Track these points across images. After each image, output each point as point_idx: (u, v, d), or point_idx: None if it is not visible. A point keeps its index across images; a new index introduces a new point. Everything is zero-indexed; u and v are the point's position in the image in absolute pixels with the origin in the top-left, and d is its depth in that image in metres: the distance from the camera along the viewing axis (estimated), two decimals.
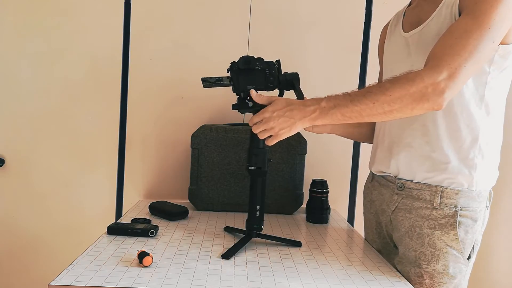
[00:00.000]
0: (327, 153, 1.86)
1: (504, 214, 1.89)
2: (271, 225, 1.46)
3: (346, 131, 1.36)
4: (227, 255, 1.10)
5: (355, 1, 1.77)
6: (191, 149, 1.62)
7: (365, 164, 1.39)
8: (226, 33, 1.81)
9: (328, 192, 1.58)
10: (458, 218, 1.06)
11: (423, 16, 1.09)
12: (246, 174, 1.35)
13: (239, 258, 1.11)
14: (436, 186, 1.08)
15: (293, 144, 1.62)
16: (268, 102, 1.11)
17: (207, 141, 1.61)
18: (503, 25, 0.95)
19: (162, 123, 1.84)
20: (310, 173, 1.73)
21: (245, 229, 1.22)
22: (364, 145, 1.68)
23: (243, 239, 1.19)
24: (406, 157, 1.13)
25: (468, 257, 1.08)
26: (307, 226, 1.49)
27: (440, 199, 1.07)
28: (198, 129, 1.62)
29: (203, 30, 1.81)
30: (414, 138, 1.11)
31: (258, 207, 1.19)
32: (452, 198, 1.06)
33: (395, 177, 1.17)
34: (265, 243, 1.24)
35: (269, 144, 1.12)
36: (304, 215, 1.61)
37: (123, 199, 1.73)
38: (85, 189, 1.85)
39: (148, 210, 1.51)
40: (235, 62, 1.17)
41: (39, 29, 1.79)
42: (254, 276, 0.99)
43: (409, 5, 1.22)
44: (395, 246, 1.20)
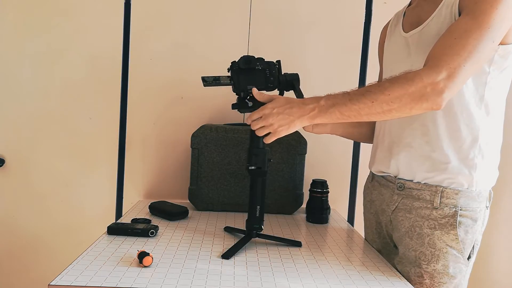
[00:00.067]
0: (327, 153, 1.86)
1: (504, 214, 1.89)
2: (271, 225, 1.46)
3: (346, 131, 1.36)
4: (227, 255, 1.10)
5: (355, 1, 1.77)
6: (191, 149, 1.62)
7: (365, 164, 1.39)
8: (226, 33, 1.81)
9: (328, 192, 1.58)
10: (458, 218, 1.06)
11: (423, 16, 1.09)
12: (246, 174, 1.35)
13: (239, 258, 1.11)
14: (436, 186, 1.08)
15: (293, 144, 1.62)
16: (269, 101, 1.11)
17: (207, 141, 1.61)
18: (503, 25, 0.94)
19: (162, 123, 1.84)
20: (310, 173, 1.73)
21: (245, 229, 1.22)
22: (364, 145, 1.68)
23: (243, 239, 1.19)
24: (406, 157, 1.13)
25: (468, 257, 1.08)
26: (307, 226, 1.49)
27: (440, 199, 1.07)
28: (198, 129, 1.62)
29: (203, 30, 1.81)
30: (414, 138, 1.11)
31: (258, 207, 1.19)
32: (452, 198, 1.06)
33: (395, 177, 1.17)
34: (265, 243, 1.24)
35: (267, 142, 1.12)
36: (304, 215, 1.61)
37: (123, 199, 1.73)
38: (85, 189, 1.85)
39: (148, 210, 1.51)
40: (236, 62, 1.17)
41: (39, 29, 1.79)
42: (254, 276, 0.99)
43: (409, 5, 1.22)
44: (395, 246, 1.20)
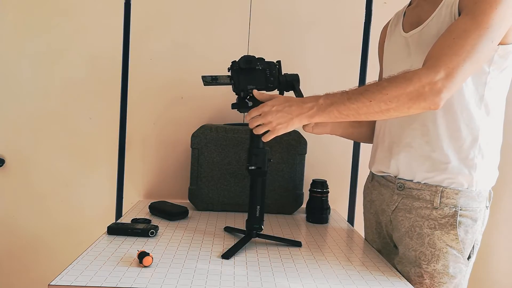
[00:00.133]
0: (327, 153, 1.86)
1: (504, 214, 1.89)
2: (271, 225, 1.46)
3: (346, 132, 1.36)
4: (227, 255, 1.10)
5: (355, 1, 1.77)
6: (191, 149, 1.62)
7: (365, 164, 1.39)
8: (226, 33, 1.81)
9: (328, 192, 1.58)
10: (458, 218, 1.06)
11: (423, 16, 1.09)
12: (246, 174, 1.35)
13: (239, 258, 1.11)
14: (436, 186, 1.08)
15: (293, 144, 1.62)
16: (268, 100, 1.11)
17: (207, 141, 1.61)
18: (503, 25, 0.94)
19: (162, 123, 1.84)
20: (310, 173, 1.73)
21: (245, 229, 1.22)
22: (364, 145, 1.68)
23: (243, 239, 1.19)
24: (406, 157, 1.13)
25: (468, 257, 1.08)
26: (307, 226, 1.49)
27: (440, 199, 1.07)
28: (198, 129, 1.62)
29: (203, 30, 1.81)
30: (414, 138, 1.11)
31: (258, 207, 1.19)
32: (452, 198, 1.06)
33: (395, 177, 1.17)
34: (265, 243, 1.24)
35: (265, 140, 1.12)
36: (304, 215, 1.61)
37: (123, 199, 1.73)
38: (85, 189, 1.85)
39: (148, 210, 1.51)
40: (236, 61, 1.17)
41: (39, 29, 1.79)
42: (254, 276, 0.99)
43: (409, 5, 1.22)
44: (395, 246, 1.20)
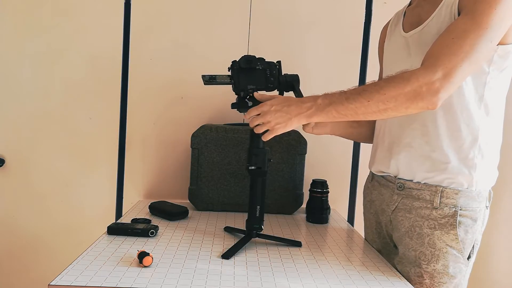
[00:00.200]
0: (327, 153, 1.86)
1: (504, 214, 1.89)
2: (271, 225, 1.46)
3: (346, 132, 1.36)
4: (227, 255, 1.10)
5: (355, 1, 1.77)
6: (191, 149, 1.62)
7: (365, 164, 1.39)
8: (226, 33, 1.81)
9: (328, 192, 1.58)
10: (458, 218, 1.06)
11: (424, 16, 1.09)
12: (246, 174, 1.35)
13: (239, 258, 1.11)
14: (436, 186, 1.08)
15: (293, 144, 1.62)
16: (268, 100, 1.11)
17: (207, 141, 1.61)
18: (502, 26, 0.94)
19: (162, 123, 1.84)
20: (310, 173, 1.73)
21: (245, 229, 1.22)
22: (364, 145, 1.68)
23: (243, 239, 1.19)
24: (406, 157, 1.13)
25: (468, 257, 1.08)
26: (307, 226, 1.49)
27: (440, 199, 1.07)
28: (198, 129, 1.62)
29: (203, 30, 1.81)
30: (414, 138, 1.11)
31: (258, 207, 1.19)
32: (452, 198, 1.06)
33: (395, 177, 1.17)
34: (265, 243, 1.24)
35: (265, 140, 1.12)
36: (304, 215, 1.61)
37: (123, 199, 1.73)
38: (85, 189, 1.85)
39: (148, 210, 1.51)
40: (237, 61, 1.17)
41: (39, 29, 1.79)
42: (254, 276, 0.99)
43: (409, 5, 1.22)
44: (395, 246, 1.20)
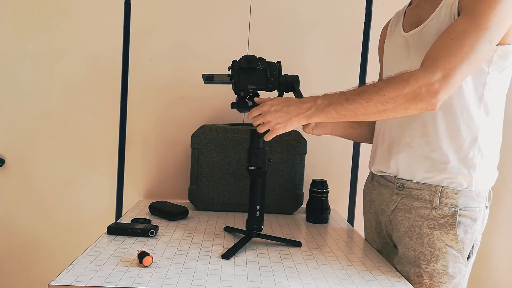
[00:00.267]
0: (327, 153, 1.86)
1: (504, 214, 1.89)
2: (271, 225, 1.46)
3: (346, 132, 1.36)
4: (227, 255, 1.10)
5: (355, 1, 1.77)
6: (191, 149, 1.62)
7: (365, 164, 1.39)
8: (226, 33, 1.81)
9: (328, 192, 1.58)
10: (458, 218, 1.06)
11: (424, 16, 1.09)
12: (246, 174, 1.35)
13: (239, 258, 1.11)
14: (436, 186, 1.08)
15: (293, 144, 1.62)
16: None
17: (207, 141, 1.61)
18: (502, 26, 0.94)
19: (162, 123, 1.84)
20: (310, 173, 1.73)
21: (245, 229, 1.22)
22: (364, 145, 1.68)
23: (243, 239, 1.19)
24: (406, 157, 1.13)
25: (468, 257, 1.08)
26: (307, 226, 1.49)
27: (440, 199, 1.07)
28: (198, 129, 1.62)
29: (203, 30, 1.81)
30: (414, 138, 1.11)
31: (258, 207, 1.19)
32: (452, 198, 1.06)
33: (395, 177, 1.17)
34: (265, 243, 1.24)
35: (266, 140, 1.12)
36: (304, 215, 1.61)
37: (123, 199, 1.73)
38: (85, 189, 1.85)
39: (148, 210, 1.52)
40: (237, 61, 1.17)
41: (39, 29, 1.79)
42: (254, 276, 0.99)
43: (410, 5, 1.22)
44: (395, 246, 1.20)
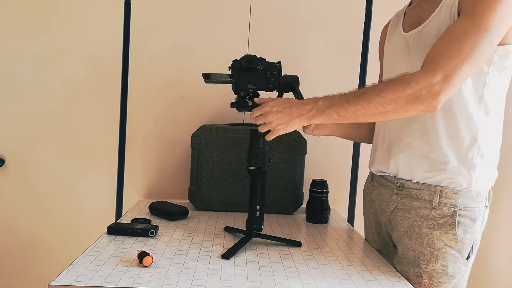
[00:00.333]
0: (327, 153, 1.86)
1: (504, 214, 1.89)
2: (271, 225, 1.46)
3: (345, 133, 1.36)
4: (227, 255, 1.10)
5: (355, 1, 1.77)
6: (191, 149, 1.62)
7: (365, 164, 1.39)
8: (226, 33, 1.81)
9: (328, 192, 1.58)
10: (457, 218, 1.06)
11: (424, 16, 1.09)
12: (246, 174, 1.35)
13: (239, 258, 1.11)
14: (435, 186, 1.08)
15: (293, 144, 1.62)
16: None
17: (207, 141, 1.61)
18: (502, 27, 0.94)
19: (162, 123, 1.84)
20: (310, 173, 1.73)
21: (245, 229, 1.22)
22: (364, 145, 1.68)
23: (243, 239, 1.19)
24: (406, 157, 1.13)
25: (467, 257, 1.08)
26: (307, 226, 1.49)
27: (439, 199, 1.07)
28: (198, 129, 1.62)
29: (203, 30, 1.81)
30: (414, 138, 1.11)
31: (258, 207, 1.19)
32: (451, 198, 1.06)
33: (395, 177, 1.17)
34: (265, 243, 1.24)
35: (268, 140, 1.12)
36: (304, 215, 1.61)
37: (123, 199, 1.73)
38: (85, 189, 1.85)
39: (148, 210, 1.52)
40: (238, 60, 1.17)
41: (39, 29, 1.79)
42: (254, 276, 0.99)
43: (410, 5, 1.22)
44: (395, 246, 1.20)
